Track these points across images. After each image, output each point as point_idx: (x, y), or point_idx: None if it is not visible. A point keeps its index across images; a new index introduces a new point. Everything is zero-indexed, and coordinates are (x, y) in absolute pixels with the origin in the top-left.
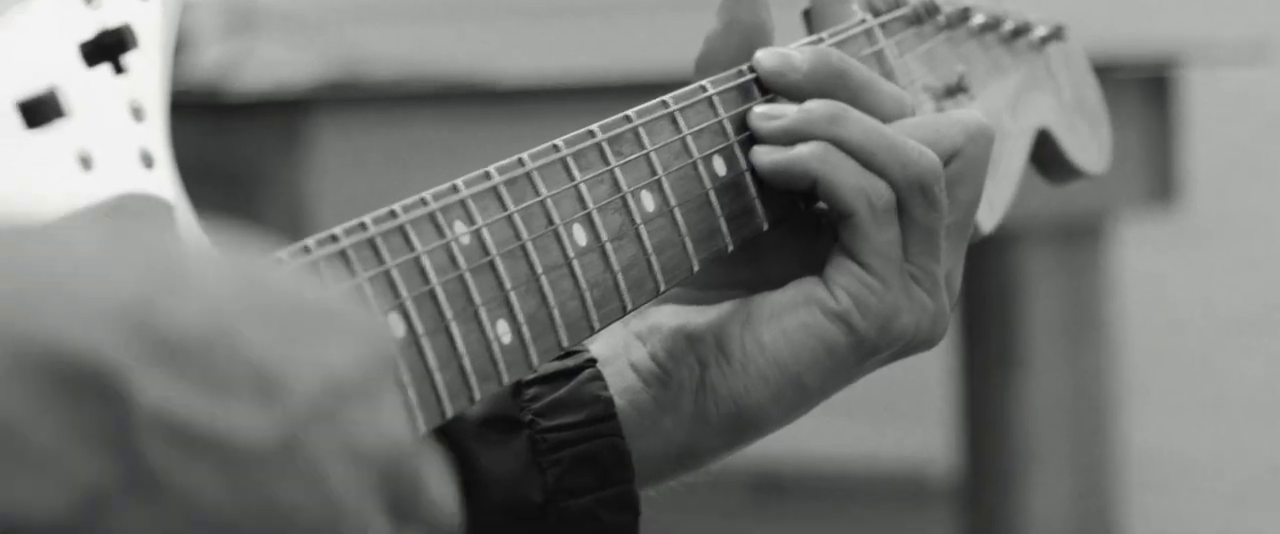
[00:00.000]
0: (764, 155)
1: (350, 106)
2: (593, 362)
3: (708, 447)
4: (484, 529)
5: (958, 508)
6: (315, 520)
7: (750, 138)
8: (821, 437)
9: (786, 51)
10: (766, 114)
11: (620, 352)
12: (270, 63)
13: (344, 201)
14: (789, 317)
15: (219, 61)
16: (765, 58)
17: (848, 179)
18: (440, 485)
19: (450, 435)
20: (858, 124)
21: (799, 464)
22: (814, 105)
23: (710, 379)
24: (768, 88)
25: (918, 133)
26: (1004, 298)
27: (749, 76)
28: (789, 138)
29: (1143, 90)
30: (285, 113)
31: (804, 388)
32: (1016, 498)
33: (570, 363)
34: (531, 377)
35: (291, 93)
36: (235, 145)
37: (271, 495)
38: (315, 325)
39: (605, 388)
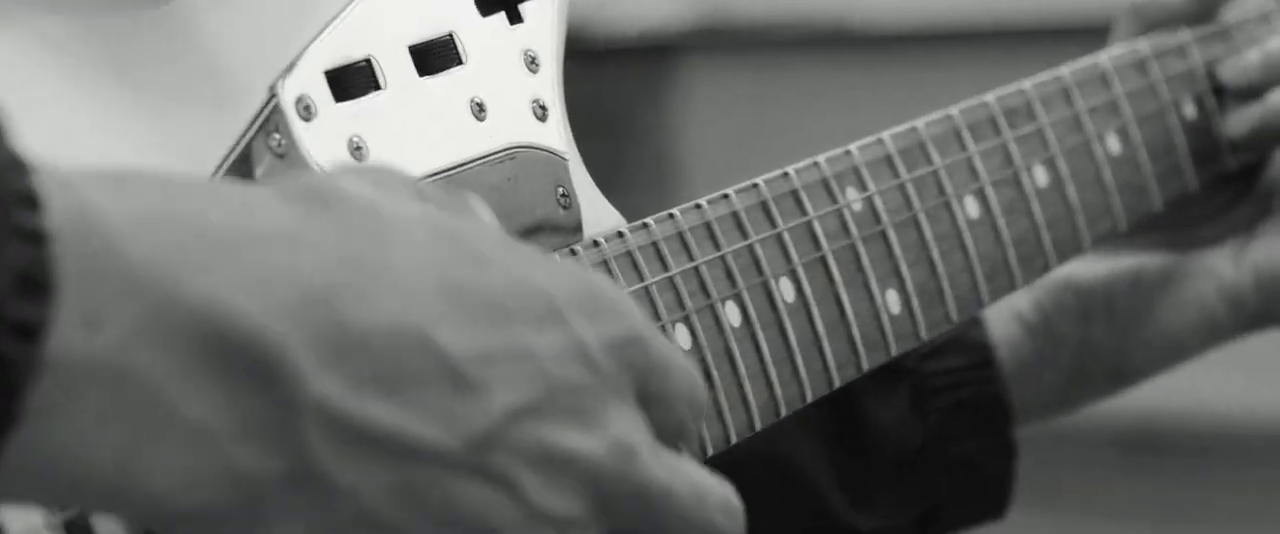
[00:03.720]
0: (1241, 119)
1: (719, 52)
2: None
3: (1080, 398)
4: (871, 476)
5: None
6: (503, 526)
7: (1141, 115)
8: (1196, 390)
9: (1239, 58)
10: (1242, 67)
11: (1005, 299)
12: (638, 7)
13: (712, 148)
14: (1184, 287)
15: (587, 5)
16: (1228, 72)
17: None
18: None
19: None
20: None
21: (1172, 419)
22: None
23: (1093, 336)
24: (1231, 91)
25: None
26: None
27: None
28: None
29: None
30: (653, 58)
31: (1184, 352)
32: None
33: None
34: None
35: (659, 38)
36: (602, 91)
37: (452, 499)
38: (530, 321)
39: (986, 334)
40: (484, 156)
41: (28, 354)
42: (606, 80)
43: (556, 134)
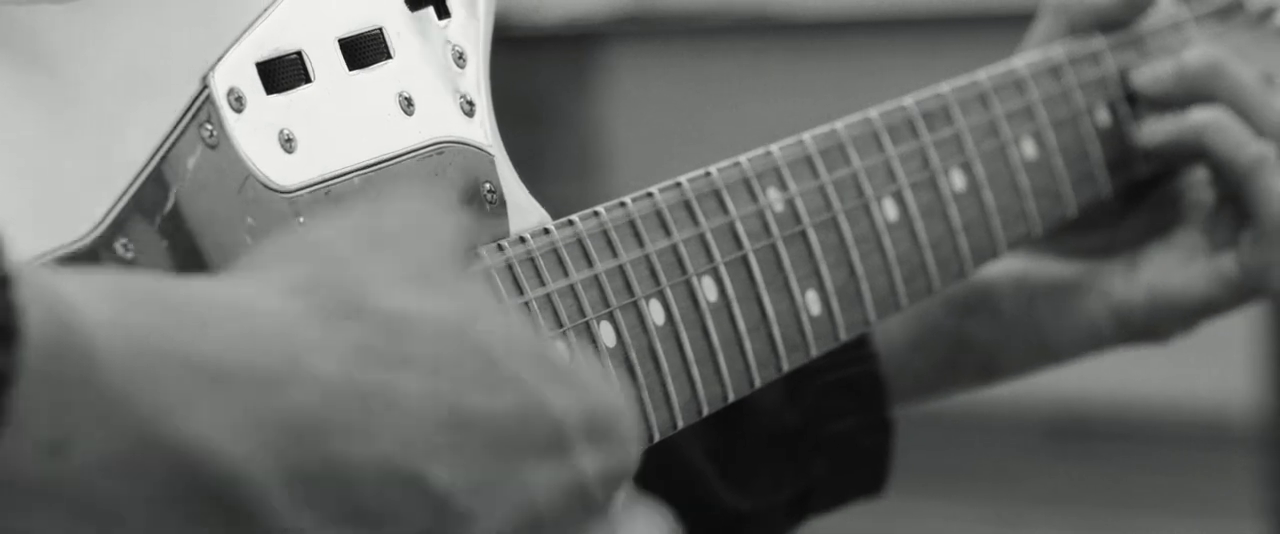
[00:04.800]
0: (1156, 130)
1: (643, 40)
2: None
3: (947, 388)
4: (749, 457)
5: (1262, 450)
6: None
7: (1056, 121)
8: (1122, 377)
9: (1155, 66)
10: (1152, 77)
11: None
12: None
13: (636, 136)
14: (1072, 302)
15: None
16: (1143, 79)
17: (1235, 142)
18: None
19: None
20: (1245, 82)
21: (1098, 405)
22: (1203, 75)
23: (970, 330)
24: (1143, 99)
25: None
26: None
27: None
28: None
29: None
30: (578, 46)
31: (1058, 359)
32: None
33: None
34: None
35: (584, 26)
36: (527, 79)
37: None
38: (532, 453)
39: None
40: (411, 151)
41: None
42: (531, 68)
43: (483, 129)
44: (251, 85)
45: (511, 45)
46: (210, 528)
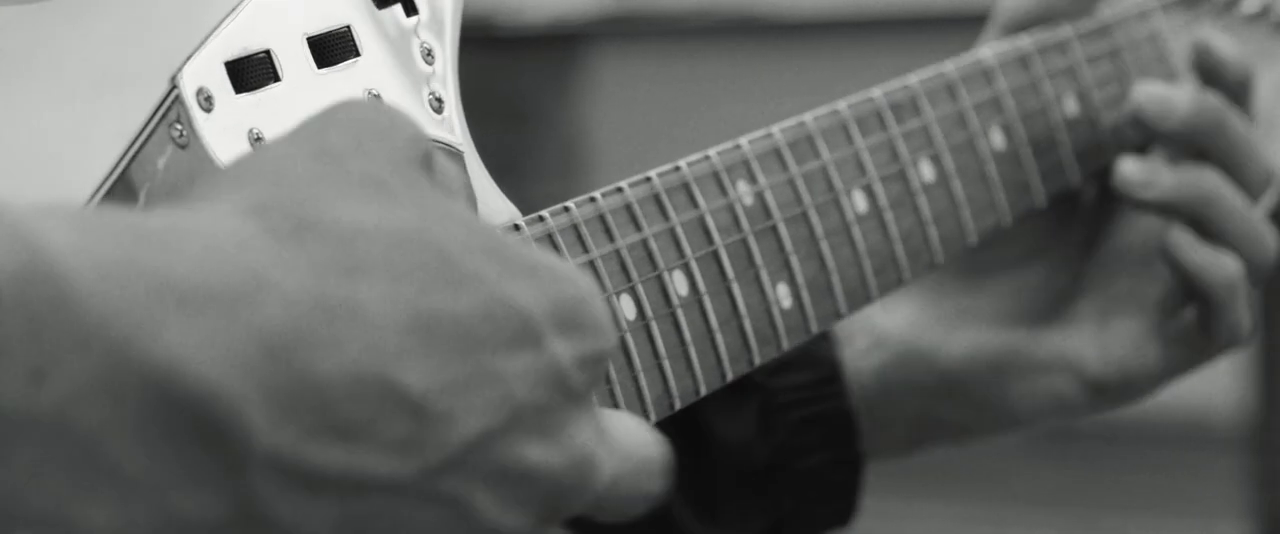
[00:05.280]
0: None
1: (626, 41)
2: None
3: (906, 457)
4: (713, 488)
5: (1244, 453)
6: None
7: (1024, 111)
8: None
9: (1167, 95)
10: (1141, 181)
11: (850, 358)
12: None
13: (619, 136)
14: (1042, 378)
15: None
16: (1147, 100)
17: (1213, 270)
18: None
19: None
20: (1232, 209)
21: None
22: (1189, 180)
23: (936, 410)
24: (1144, 125)
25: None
26: None
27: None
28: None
29: None
30: (561, 47)
31: (1022, 428)
32: None
33: None
34: None
35: (567, 27)
36: (510, 80)
37: (397, 526)
38: (501, 345)
39: (833, 349)
40: None
41: None
42: (515, 69)
43: (452, 127)
44: (221, 85)
45: (495, 46)
46: (191, 452)
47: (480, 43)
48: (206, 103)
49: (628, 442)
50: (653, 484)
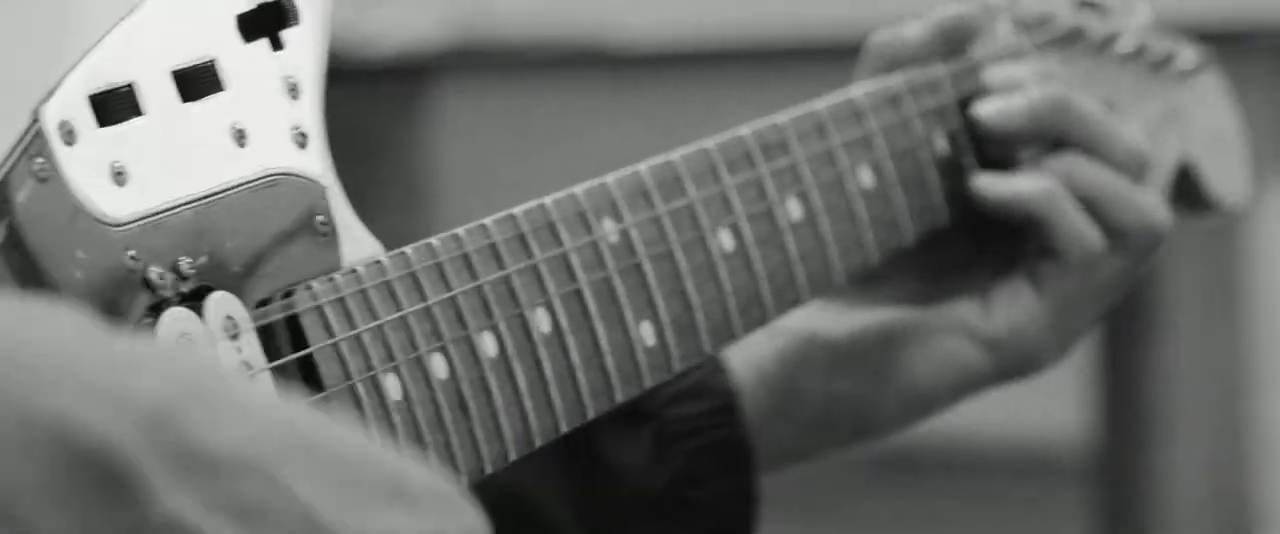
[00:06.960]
0: (990, 187)
1: (474, 72)
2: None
3: (819, 449)
4: (607, 515)
5: (1090, 482)
6: None
7: (894, 150)
8: (951, 411)
9: (1005, 101)
10: (999, 109)
11: (746, 347)
12: (392, 26)
13: (467, 168)
14: (937, 342)
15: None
16: (987, 113)
17: (1070, 223)
18: None
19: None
20: (1092, 171)
21: (927, 439)
22: (1044, 95)
23: (838, 389)
24: (987, 133)
25: None
26: None
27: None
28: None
29: (1277, 59)
30: (407, 78)
31: (933, 405)
32: (1151, 472)
33: None
34: None
35: (414, 58)
36: (356, 111)
37: None
38: (381, 492)
39: (729, 379)
40: (244, 183)
41: None
42: (361, 101)
43: (316, 161)
44: (83, 118)
45: (341, 78)
46: (98, 511)
47: (327, 75)
48: (68, 136)
49: None
50: None
